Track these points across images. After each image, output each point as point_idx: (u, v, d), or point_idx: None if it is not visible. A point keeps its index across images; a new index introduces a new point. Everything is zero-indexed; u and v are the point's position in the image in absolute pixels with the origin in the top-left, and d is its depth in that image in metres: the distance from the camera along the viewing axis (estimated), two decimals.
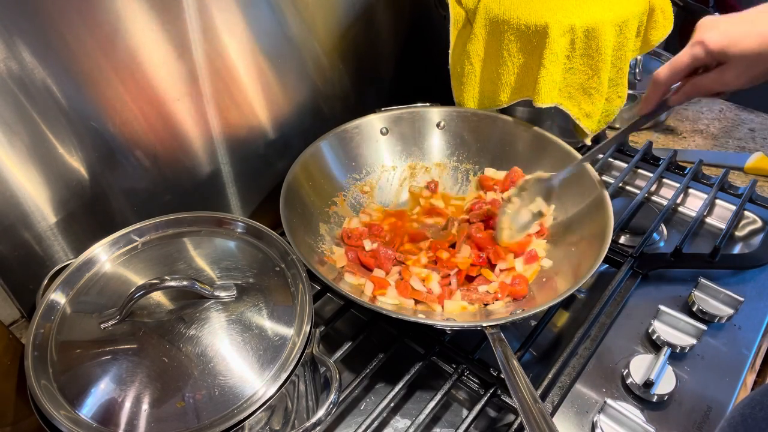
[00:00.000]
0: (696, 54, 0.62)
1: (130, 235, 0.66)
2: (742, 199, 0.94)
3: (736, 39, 0.59)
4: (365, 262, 0.80)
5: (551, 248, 0.83)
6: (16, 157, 0.59)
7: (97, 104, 0.63)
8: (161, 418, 0.50)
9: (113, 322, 0.56)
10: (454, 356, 0.72)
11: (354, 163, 0.93)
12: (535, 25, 0.82)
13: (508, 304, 0.76)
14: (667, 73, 0.66)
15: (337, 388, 0.56)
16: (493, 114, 0.94)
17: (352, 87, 0.98)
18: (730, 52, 0.59)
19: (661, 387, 0.69)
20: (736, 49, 0.59)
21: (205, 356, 0.53)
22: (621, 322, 0.79)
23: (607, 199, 0.77)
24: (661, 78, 0.67)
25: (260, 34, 0.77)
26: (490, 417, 0.70)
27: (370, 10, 0.93)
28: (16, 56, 0.55)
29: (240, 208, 0.88)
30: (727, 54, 0.59)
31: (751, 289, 0.83)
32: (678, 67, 0.65)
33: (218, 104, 0.76)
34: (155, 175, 0.73)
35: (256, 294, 0.60)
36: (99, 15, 0.59)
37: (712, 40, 0.60)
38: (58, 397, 0.51)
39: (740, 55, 0.59)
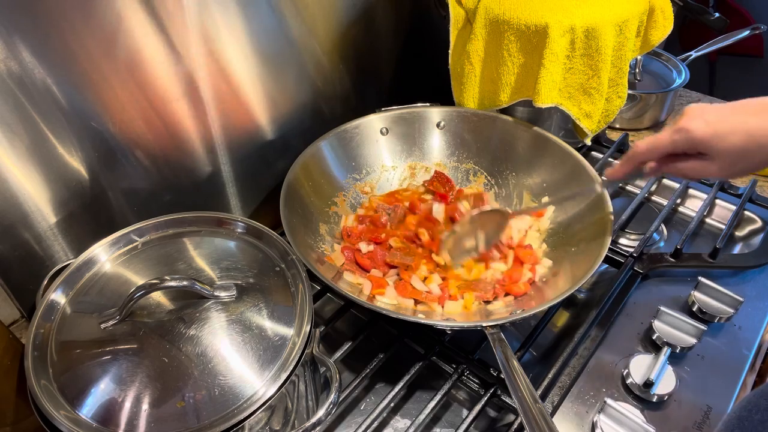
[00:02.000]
0: (678, 140, 0.60)
1: (130, 235, 0.66)
2: (742, 199, 0.94)
3: (722, 133, 0.57)
4: (362, 263, 0.80)
5: (551, 248, 0.83)
6: (16, 157, 0.59)
7: (97, 104, 0.63)
8: (161, 418, 0.50)
9: (113, 322, 0.56)
10: (454, 356, 0.72)
11: (354, 163, 0.93)
12: (535, 25, 0.82)
13: (509, 304, 0.76)
14: (644, 150, 0.64)
15: (337, 388, 0.56)
16: (493, 114, 0.94)
17: (353, 87, 0.98)
18: (715, 146, 0.57)
19: (661, 387, 0.69)
20: (721, 144, 0.57)
21: (205, 356, 0.53)
22: (621, 322, 0.79)
23: (607, 199, 0.77)
24: (638, 153, 0.65)
25: (260, 34, 0.77)
26: (490, 417, 0.70)
27: (370, 11, 0.94)
28: (16, 56, 0.55)
29: (240, 208, 0.88)
30: (711, 147, 0.58)
31: (751, 289, 0.83)
32: (657, 148, 0.63)
33: (218, 104, 0.76)
34: (155, 175, 0.73)
35: (256, 294, 0.60)
36: (99, 15, 0.59)
37: (697, 130, 0.58)
38: (58, 397, 0.51)
39: (725, 150, 0.57)
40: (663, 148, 0.62)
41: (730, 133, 0.57)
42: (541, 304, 0.68)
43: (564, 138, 0.88)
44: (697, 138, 0.58)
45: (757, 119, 0.56)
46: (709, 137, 0.57)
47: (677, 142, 0.60)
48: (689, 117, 0.60)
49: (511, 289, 0.77)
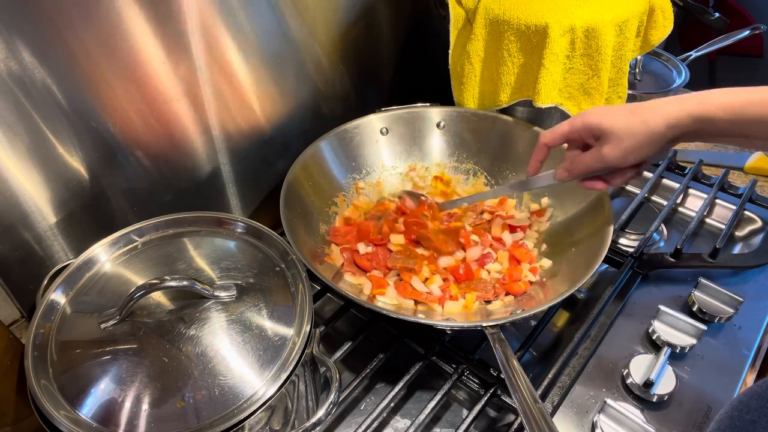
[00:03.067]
0: (574, 123, 0.67)
1: (130, 235, 0.66)
2: (742, 199, 0.94)
3: (609, 113, 0.64)
4: (361, 264, 0.80)
5: (551, 248, 0.83)
6: (16, 157, 0.59)
7: (97, 104, 0.63)
8: (161, 418, 0.50)
9: (113, 322, 0.56)
10: (454, 356, 0.72)
11: (354, 163, 0.93)
12: (535, 25, 0.82)
13: (509, 304, 0.76)
14: (548, 135, 0.71)
15: (337, 388, 0.56)
16: (493, 114, 0.94)
17: (353, 87, 0.98)
18: (605, 125, 0.63)
19: (661, 387, 0.69)
20: (608, 120, 0.63)
21: (205, 356, 0.53)
22: (621, 322, 0.79)
23: (607, 199, 0.77)
24: (542, 139, 0.72)
25: (260, 34, 0.77)
26: (490, 417, 0.70)
27: (370, 11, 0.94)
28: (16, 56, 0.55)
29: (240, 208, 0.88)
30: (601, 127, 0.63)
31: (751, 289, 0.83)
32: (557, 133, 0.70)
33: (218, 104, 0.76)
34: (155, 175, 0.73)
35: (256, 294, 0.60)
36: (99, 15, 0.59)
37: (590, 114, 0.65)
38: (58, 397, 0.51)
39: (610, 127, 0.63)
40: (563, 132, 0.69)
41: (617, 114, 0.63)
42: (541, 304, 0.68)
43: None
44: (590, 120, 0.65)
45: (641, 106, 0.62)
46: (600, 118, 0.64)
47: (574, 125, 0.67)
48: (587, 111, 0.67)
49: (511, 287, 0.77)
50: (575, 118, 0.67)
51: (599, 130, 0.64)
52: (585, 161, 0.67)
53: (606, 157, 0.64)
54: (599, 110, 0.65)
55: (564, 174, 0.71)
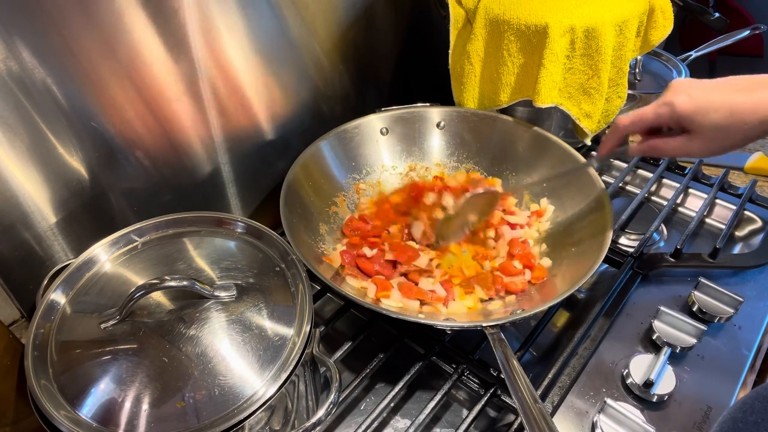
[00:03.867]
0: (661, 113, 0.61)
1: (130, 235, 0.66)
2: (742, 199, 0.94)
3: (705, 108, 0.57)
4: (365, 268, 0.79)
5: (551, 248, 0.83)
6: (16, 157, 0.59)
7: (97, 104, 0.63)
8: (161, 418, 0.50)
9: (113, 322, 0.56)
10: (454, 356, 0.72)
11: (354, 163, 0.93)
12: (535, 25, 0.82)
13: (509, 304, 0.76)
14: (627, 122, 0.66)
15: (337, 388, 0.56)
16: (493, 114, 0.94)
17: (352, 87, 0.98)
18: (697, 121, 0.58)
19: (661, 387, 0.69)
20: (704, 119, 0.57)
21: (205, 356, 0.53)
22: (621, 322, 0.79)
23: (607, 199, 0.77)
24: (621, 126, 0.67)
25: (260, 34, 0.77)
26: (490, 417, 0.70)
27: (370, 11, 0.94)
28: (16, 56, 0.55)
29: (240, 208, 0.88)
30: (693, 122, 0.58)
31: (751, 289, 0.83)
32: (640, 120, 0.64)
33: (218, 104, 0.76)
34: (155, 175, 0.73)
35: (256, 294, 0.60)
36: (99, 15, 0.59)
37: (681, 104, 0.59)
38: (58, 397, 0.51)
39: (707, 125, 0.57)
40: (647, 120, 0.63)
41: (713, 110, 0.57)
42: (541, 304, 0.68)
43: (564, 138, 0.88)
44: (681, 112, 0.59)
45: (741, 96, 0.56)
46: (691, 112, 0.58)
47: (661, 115, 0.61)
48: (674, 91, 0.60)
49: (508, 285, 0.77)
50: (662, 106, 0.61)
51: (690, 124, 0.59)
52: (668, 149, 0.62)
53: (693, 151, 0.60)
54: (690, 98, 0.58)
55: (638, 153, 0.67)
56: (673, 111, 0.60)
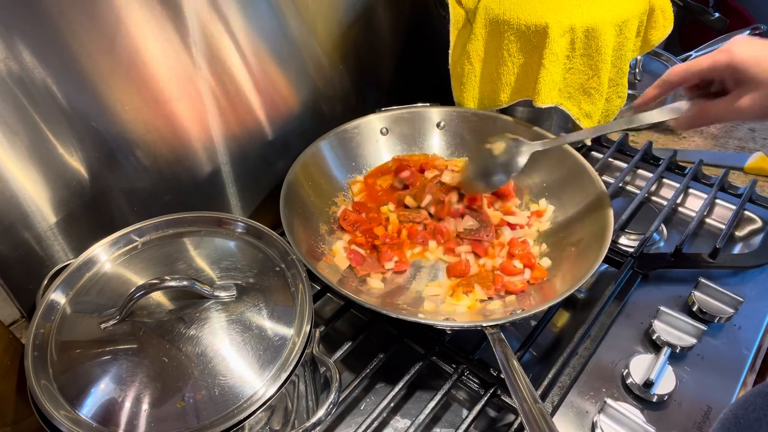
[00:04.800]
0: (718, 60, 0.58)
1: (130, 235, 0.66)
2: (742, 199, 0.94)
3: (764, 58, 0.55)
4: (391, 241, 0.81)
5: (551, 248, 0.83)
6: (16, 157, 0.59)
7: (97, 104, 0.63)
8: (161, 418, 0.50)
9: (113, 322, 0.56)
10: (454, 356, 0.72)
11: (354, 163, 0.93)
12: (535, 25, 0.82)
13: (509, 304, 0.76)
14: (681, 72, 0.62)
15: (337, 388, 0.56)
16: (493, 114, 0.94)
17: (353, 87, 0.98)
18: (753, 72, 0.55)
19: (661, 387, 0.69)
20: (761, 68, 0.55)
21: (205, 356, 0.53)
22: (621, 322, 0.79)
23: (607, 199, 0.77)
24: (673, 76, 0.63)
25: (260, 34, 0.77)
26: (490, 417, 0.70)
27: (370, 11, 0.94)
28: (16, 56, 0.55)
29: (240, 208, 0.88)
30: (749, 73, 0.55)
31: (751, 289, 0.83)
32: (694, 69, 0.60)
33: (218, 104, 0.76)
34: (155, 175, 0.73)
35: (256, 294, 0.60)
36: (99, 15, 0.59)
37: (739, 52, 0.56)
38: (58, 397, 0.51)
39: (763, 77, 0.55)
40: (702, 68, 0.60)
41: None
42: (541, 304, 0.68)
43: None
44: (739, 60, 0.56)
45: None
46: (751, 62, 0.55)
47: (718, 63, 0.58)
48: (733, 42, 0.58)
49: (508, 285, 0.77)
50: (720, 55, 0.58)
51: (746, 76, 0.56)
52: (717, 111, 0.59)
53: (744, 111, 0.57)
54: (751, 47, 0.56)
55: (686, 125, 0.64)
56: (731, 58, 0.57)
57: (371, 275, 0.79)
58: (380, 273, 0.79)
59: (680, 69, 0.62)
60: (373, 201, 0.89)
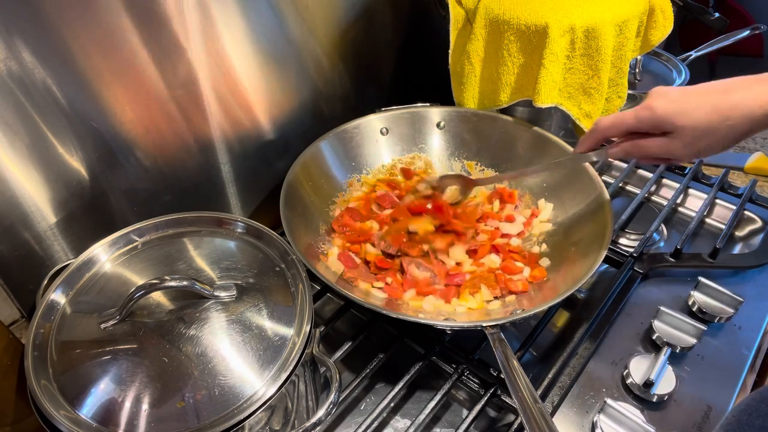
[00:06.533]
0: (641, 117, 0.61)
1: (130, 235, 0.66)
2: (742, 199, 0.94)
3: (685, 109, 0.57)
4: (380, 263, 0.80)
5: (551, 248, 0.83)
6: (16, 157, 0.59)
7: (97, 104, 0.63)
8: (161, 418, 0.50)
9: (113, 322, 0.56)
10: (454, 356, 0.72)
11: (354, 163, 0.93)
12: (535, 25, 0.82)
13: (509, 304, 0.76)
14: (607, 124, 0.65)
15: (337, 388, 0.56)
16: (493, 114, 0.94)
17: (352, 87, 0.98)
18: (678, 122, 0.58)
19: (661, 387, 0.69)
20: (685, 119, 0.57)
21: (205, 356, 0.53)
22: (621, 322, 0.79)
23: (607, 199, 0.77)
24: (600, 126, 0.66)
25: (260, 34, 0.77)
26: (490, 417, 0.70)
27: (370, 11, 0.94)
28: (16, 56, 0.55)
29: (240, 208, 0.88)
30: (674, 123, 0.58)
31: (751, 289, 0.83)
32: (619, 123, 0.64)
33: (218, 104, 0.76)
34: (155, 175, 0.73)
35: (256, 294, 0.60)
36: (99, 15, 0.59)
37: (661, 107, 0.59)
38: (58, 397, 0.51)
39: (689, 125, 0.57)
40: (627, 123, 0.62)
41: (695, 109, 0.57)
42: (541, 304, 0.68)
43: (564, 138, 0.88)
44: (661, 115, 0.59)
45: (721, 96, 0.57)
46: (672, 113, 0.58)
47: (641, 118, 0.61)
48: (654, 96, 0.60)
49: (510, 283, 0.77)
50: (642, 111, 0.60)
51: (672, 127, 0.58)
52: (649, 149, 0.62)
53: (675, 153, 0.59)
54: (671, 101, 0.58)
55: (620, 155, 0.66)
56: (653, 113, 0.59)
57: (359, 281, 0.78)
58: (369, 282, 0.78)
59: (607, 122, 0.65)
60: (365, 209, 0.88)
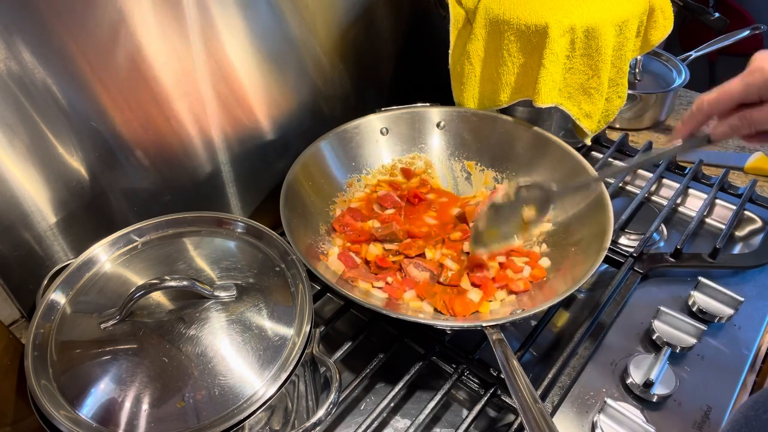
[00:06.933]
0: (751, 82, 0.54)
1: (130, 235, 0.66)
2: (742, 199, 0.94)
3: None
4: (380, 262, 0.80)
5: (551, 248, 0.83)
6: (16, 157, 0.59)
7: (97, 104, 0.63)
8: (161, 418, 0.50)
9: (113, 322, 0.56)
10: (454, 356, 0.72)
11: (354, 163, 0.93)
12: (535, 25, 0.82)
13: (509, 304, 0.76)
14: (713, 99, 0.57)
15: (337, 388, 0.56)
16: (493, 114, 0.94)
17: (352, 87, 0.98)
18: None
19: (661, 387, 0.69)
20: None
21: (205, 356, 0.53)
22: (621, 322, 0.79)
23: (607, 199, 0.77)
24: (705, 104, 0.57)
25: (260, 34, 0.77)
26: (490, 417, 0.70)
27: (370, 10, 0.94)
28: (16, 56, 0.55)
29: (240, 208, 0.88)
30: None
31: (751, 289, 0.83)
32: (727, 95, 0.56)
33: (218, 104, 0.76)
34: (155, 175, 0.73)
35: (256, 294, 0.60)
36: (99, 15, 0.59)
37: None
38: (58, 397, 0.51)
39: None
40: (734, 92, 0.55)
41: None
42: (541, 304, 0.68)
43: (564, 138, 0.88)
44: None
45: None
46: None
47: (751, 84, 0.54)
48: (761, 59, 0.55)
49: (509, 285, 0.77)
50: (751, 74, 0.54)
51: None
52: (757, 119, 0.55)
53: None
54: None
55: (726, 133, 0.57)
56: (765, 75, 0.53)
57: (359, 281, 0.78)
58: (369, 282, 0.78)
59: (712, 96, 0.57)
60: (367, 209, 0.88)
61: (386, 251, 0.82)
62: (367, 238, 0.83)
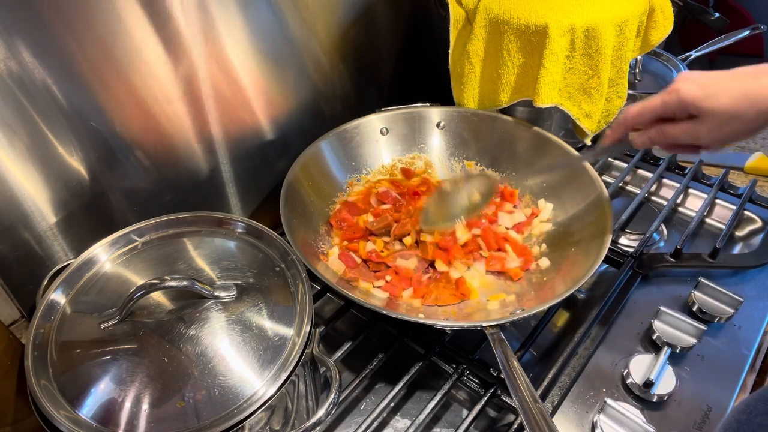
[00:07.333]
0: (668, 100, 0.60)
1: (130, 235, 0.66)
2: (742, 199, 0.94)
3: (712, 92, 0.57)
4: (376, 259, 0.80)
5: (551, 248, 0.83)
6: (16, 157, 0.59)
7: (97, 104, 0.63)
8: (161, 418, 0.50)
9: (113, 322, 0.56)
10: (454, 356, 0.72)
11: (354, 163, 0.93)
12: (535, 25, 0.82)
13: (509, 303, 0.76)
14: (635, 112, 0.64)
15: (337, 388, 0.56)
16: (493, 114, 0.94)
17: (352, 87, 0.98)
18: (704, 106, 0.57)
19: (661, 387, 0.69)
20: (713, 103, 0.56)
21: (205, 356, 0.53)
22: (621, 322, 0.79)
23: (607, 199, 0.77)
24: (628, 116, 0.65)
25: (260, 34, 0.77)
26: (490, 417, 0.70)
27: (370, 11, 0.94)
28: (16, 56, 0.55)
29: (240, 208, 0.88)
30: (700, 107, 0.57)
31: (751, 289, 0.83)
32: (647, 109, 0.62)
33: (218, 104, 0.76)
34: (155, 175, 0.73)
35: (256, 294, 0.60)
36: (99, 15, 0.59)
37: (687, 91, 0.58)
38: (58, 397, 0.51)
39: (715, 109, 0.56)
40: (654, 109, 0.62)
41: (722, 93, 0.56)
42: (541, 304, 0.68)
43: (564, 138, 0.88)
44: (688, 98, 0.58)
45: (750, 81, 0.56)
46: (700, 97, 0.57)
47: (668, 103, 0.60)
48: (681, 80, 0.59)
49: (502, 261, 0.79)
50: (668, 95, 0.59)
51: (698, 110, 0.57)
52: (675, 135, 0.61)
53: (701, 138, 0.58)
54: (698, 85, 0.57)
55: (646, 143, 0.65)
56: (680, 98, 0.58)
57: (360, 281, 0.78)
58: (369, 282, 0.78)
59: (634, 110, 0.64)
60: (365, 203, 0.89)
61: (386, 246, 0.83)
62: (363, 235, 0.83)
